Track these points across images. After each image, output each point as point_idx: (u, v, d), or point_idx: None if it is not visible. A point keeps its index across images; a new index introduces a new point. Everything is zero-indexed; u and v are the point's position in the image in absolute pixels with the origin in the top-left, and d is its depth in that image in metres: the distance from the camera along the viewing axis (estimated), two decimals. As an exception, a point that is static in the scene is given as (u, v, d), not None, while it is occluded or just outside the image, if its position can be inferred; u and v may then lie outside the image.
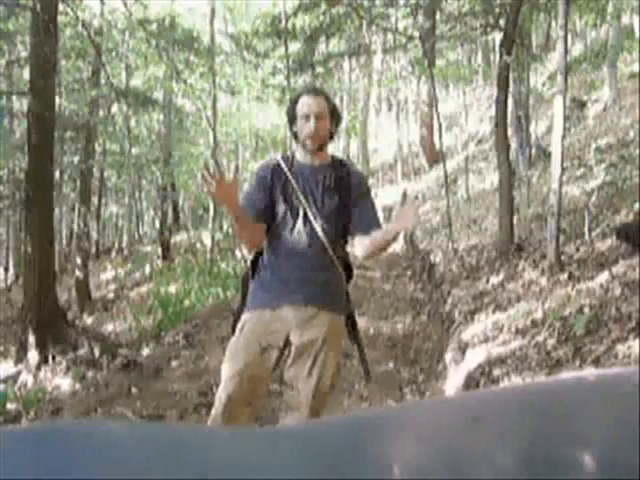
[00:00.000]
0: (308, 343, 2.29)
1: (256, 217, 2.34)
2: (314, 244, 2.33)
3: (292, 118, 2.36)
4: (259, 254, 2.44)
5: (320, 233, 2.32)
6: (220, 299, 8.58)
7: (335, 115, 2.39)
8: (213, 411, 2.29)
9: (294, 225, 2.34)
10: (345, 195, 2.37)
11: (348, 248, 2.52)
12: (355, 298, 2.54)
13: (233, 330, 2.44)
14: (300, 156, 2.40)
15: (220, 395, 2.27)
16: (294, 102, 2.36)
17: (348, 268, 2.48)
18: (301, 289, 2.32)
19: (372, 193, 2.55)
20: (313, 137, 2.30)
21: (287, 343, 2.32)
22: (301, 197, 2.34)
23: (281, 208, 2.36)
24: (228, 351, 2.36)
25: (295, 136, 2.38)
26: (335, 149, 25.73)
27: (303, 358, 2.29)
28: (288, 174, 2.37)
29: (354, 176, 2.43)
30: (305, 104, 2.32)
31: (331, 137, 2.42)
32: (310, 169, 2.38)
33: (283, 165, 2.39)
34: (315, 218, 2.33)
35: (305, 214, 2.34)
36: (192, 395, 4.33)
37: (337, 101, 25.45)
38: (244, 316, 2.39)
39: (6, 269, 18.08)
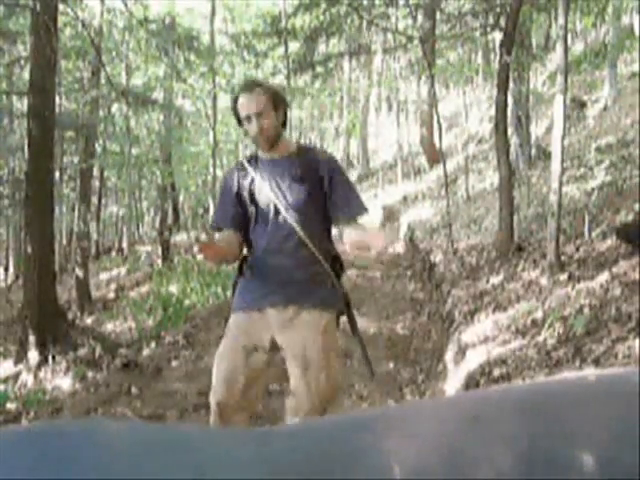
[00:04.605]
0: (293, 344, 2.22)
1: (232, 228, 2.34)
2: (291, 239, 2.25)
3: (237, 119, 2.30)
4: (247, 255, 2.41)
5: (295, 227, 2.24)
6: (220, 299, 8.58)
7: (278, 102, 2.27)
8: (211, 418, 2.27)
9: (268, 223, 2.28)
10: (315, 183, 2.28)
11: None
12: (355, 298, 2.50)
13: None
14: (261, 153, 2.34)
15: (211, 402, 2.24)
16: (234, 103, 2.28)
17: (336, 261, 2.36)
18: (280, 290, 2.25)
19: (345, 172, 2.44)
20: (260, 136, 2.23)
21: (275, 345, 2.26)
22: (270, 193, 2.27)
23: (252, 209, 2.31)
24: (216, 356, 2.31)
25: (247, 134, 2.33)
26: (335, 149, 25.72)
27: (293, 361, 2.22)
28: (253, 173, 2.31)
29: (322, 161, 2.32)
30: (242, 106, 2.24)
31: (284, 125, 2.33)
32: (272, 163, 2.31)
33: (247, 165, 2.34)
34: (287, 211, 2.25)
35: (277, 210, 2.26)
36: (192, 395, 4.33)
37: (337, 101, 25.50)
38: (230, 319, 2.35)
39: (6, 269, 18.08)
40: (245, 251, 2.42)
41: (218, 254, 2.25)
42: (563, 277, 4.85)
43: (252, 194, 2.30)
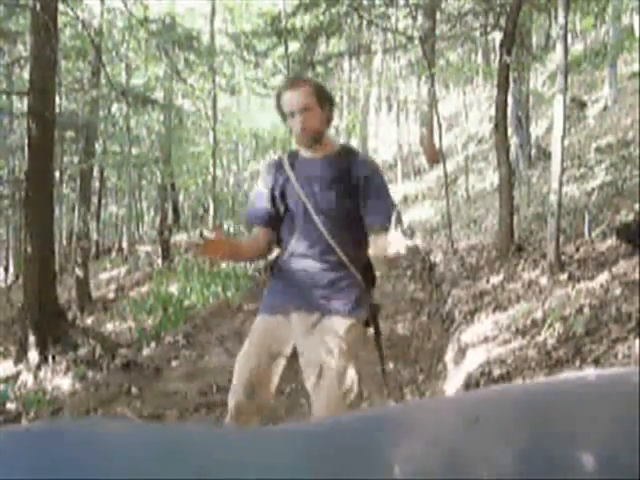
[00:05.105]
0: (310, 350, 2.13)
1: (262, 225, 2.29)
2: (318, 244, 2.17)
3: (282, 114, 2.20)
4: (278, 256, 2.32)
5: (323, 231, 2.15)
6: (220, 299, 8.58)
7: (324, 99, 2.17)
8: (227, 417, 2.23)
9: (297, 224, 2.21)
10: (349, 188, 2.17)
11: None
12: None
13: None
14: (303, 151, 2.24)
15: (229, 402, 2.20)
16: (278, 98, 2.18)
17: (367, 269, 2.24)
18: (304, 294, 2.18)
19: (383, 180, 2.27)
20: (303, 133, 2.14)
21: (295, 352, 2.19)
22: (301, 194, 2.18)
23: (282, 208, 2.24)
24: (239, 355, 2.25)
25: (291, 131, 2.23)
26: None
27: (308, 368, 2.13)
28: (288, 171, 2.22)
29: (359, 166, 2.19)
30: (287, 101, 2.13)
31: (328, 122, 2.22)
32: (311, 163, 2.21)
33: (285, 161, 2.26)
34: (317, 215, 2.15)
35: (306, 212, 2.18)
36: (192, 395, 4.33)
37: (337, 101, 25.49)
38: (256, 320, 2.31)
39: (6, 269, 18.07)
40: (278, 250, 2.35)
41: (220, 251, 2.14)
42: (563, 277, 4.85)
43: (283, 193, 2.22)
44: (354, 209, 2.18)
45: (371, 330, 2.31)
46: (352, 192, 2.17)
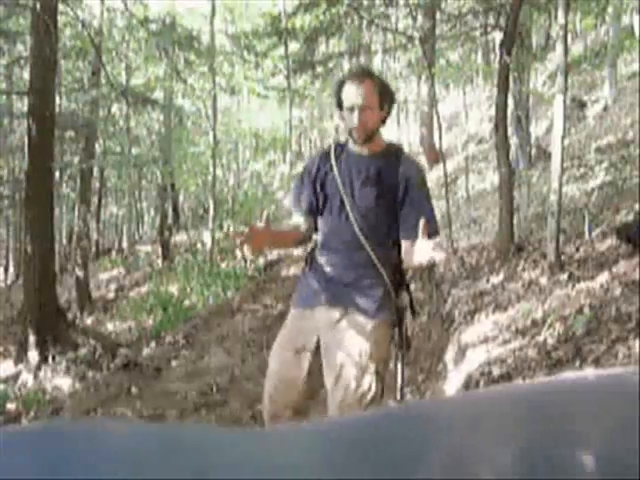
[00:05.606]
0: (331, 348, 2.11)
1: (304, 215, 2.28)
2: (350, 241, 2.14)
3: (338, 104, 2.14)
4: (314, 248, 2.31)
5: (355, 228, 2.12)
6: (220, 299, 8.58)
7: (386, 97, 2.12)
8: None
9: (332, 217, 2.18)
10: (388, 188, 2.13)
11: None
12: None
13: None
14: (351, 143, 2.19)
15: (264, 394, 2.21)
16: (339, 87, 2.11)
17: (396, 270, 2.21)
18: (330, 288, 2.17)
19: (425, 186, 2.23)
20: (356, 131, 2.09)
21: (319, 346, 2.16)
22: (340, 187, 2.14)
23: (322, 199, 2.21)
24: (274, 346, 2.27)
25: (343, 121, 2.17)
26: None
27: (328, 367, 2.11)
28: (333, 162, 2.19)
29: (403, 167, 2.15)
30: (348, 95, 2.06)
31: (383, 121, 2.16)
32: (357, 158, 2.17)
33: (332, 152, 2.22)
34: (352, 211, 2.12)
35: (342, 206, 2.15)
36: (192, 395, 4.33)
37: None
38: (290, 312, 2.31)
39: (6, 269, 18.08)
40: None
41: (266, 240, 2.08)
42: (563, 277, 4.85)
43: (324, 183, 2.20)
44: (391, 210, 2.14)
45: (396, 331, 2.29)
46: (392, 192, 2.13)
